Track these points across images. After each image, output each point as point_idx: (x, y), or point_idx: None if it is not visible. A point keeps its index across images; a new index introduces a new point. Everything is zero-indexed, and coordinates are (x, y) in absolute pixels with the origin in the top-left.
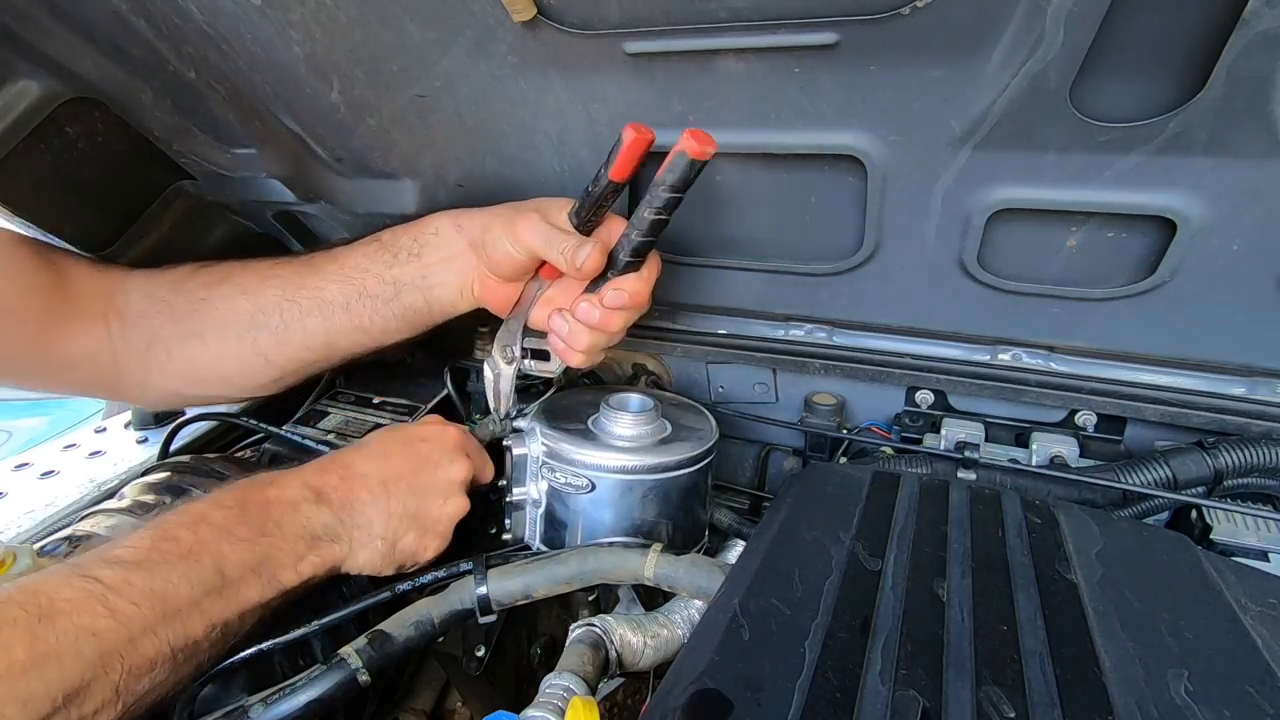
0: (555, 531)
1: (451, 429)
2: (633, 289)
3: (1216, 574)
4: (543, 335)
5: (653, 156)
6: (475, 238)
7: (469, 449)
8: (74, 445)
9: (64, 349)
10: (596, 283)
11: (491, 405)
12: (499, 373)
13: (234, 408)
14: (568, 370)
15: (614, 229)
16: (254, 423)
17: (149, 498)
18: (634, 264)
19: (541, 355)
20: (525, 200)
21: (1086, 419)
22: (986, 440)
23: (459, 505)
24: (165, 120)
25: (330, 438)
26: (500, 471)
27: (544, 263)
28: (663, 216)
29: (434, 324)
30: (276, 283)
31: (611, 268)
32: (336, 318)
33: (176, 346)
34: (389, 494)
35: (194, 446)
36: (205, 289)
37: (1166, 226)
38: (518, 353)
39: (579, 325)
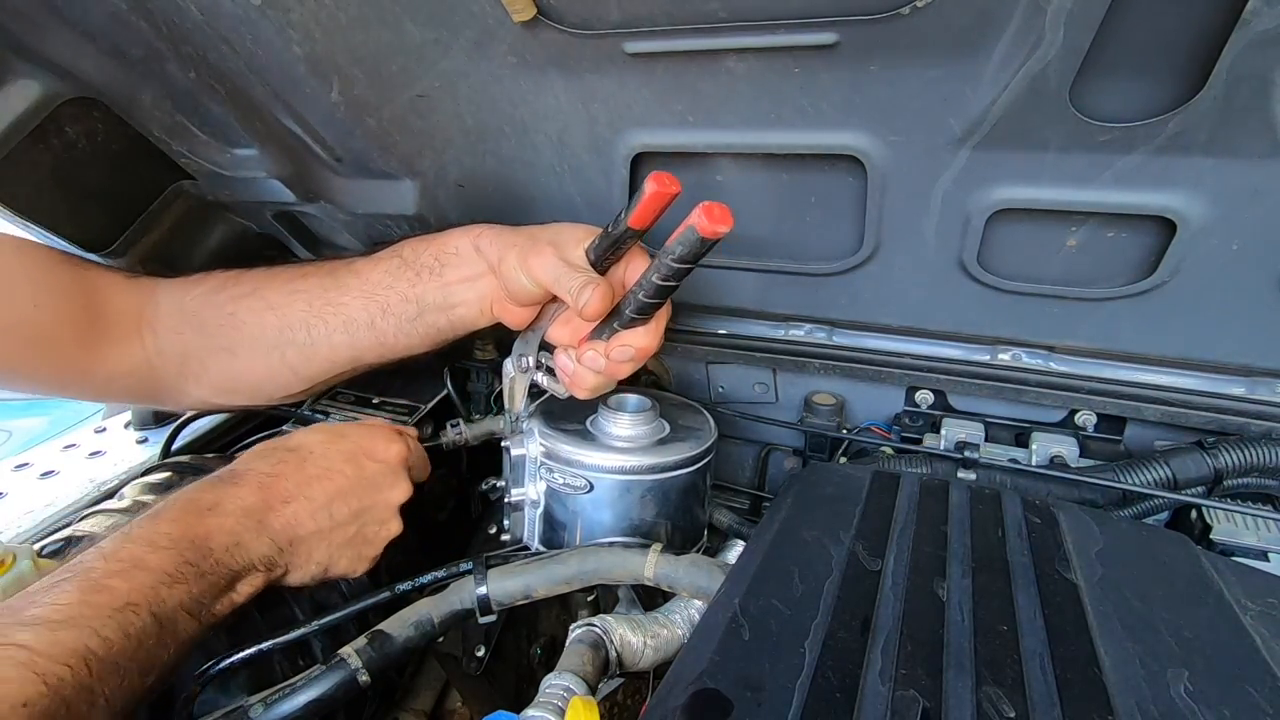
0: (554, 532)
1: (395, 446)
2: (639, 344)
3: (1216, 574)
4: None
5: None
6: (493, 263)
7: (412, 462)
8: (74, 445)
9: (103, 368)
10: (604, 326)
11: (506, 405)
12: (513, 378)
13: None
14: None
15: (635, 265)
16: (273, 409)
17: (149, 498)
18: (640, 320)
19: (554, 373)
20: (546, 227)
21: (1086, 419)
22: (986, 440)
23: (394, 529)
24: (165, 120)
25: None
26: (499, 471)
27: None
28: (670, 283)
29: (455, 338)
30: (302, 298)
31: (617, 317)
32: (361, 334)
33: (210, 361)
34: (332, 520)
35: (194, 446)
36: (233, 303)
37: (1166, 226)
38: (531, 363)
39: (584, 370)
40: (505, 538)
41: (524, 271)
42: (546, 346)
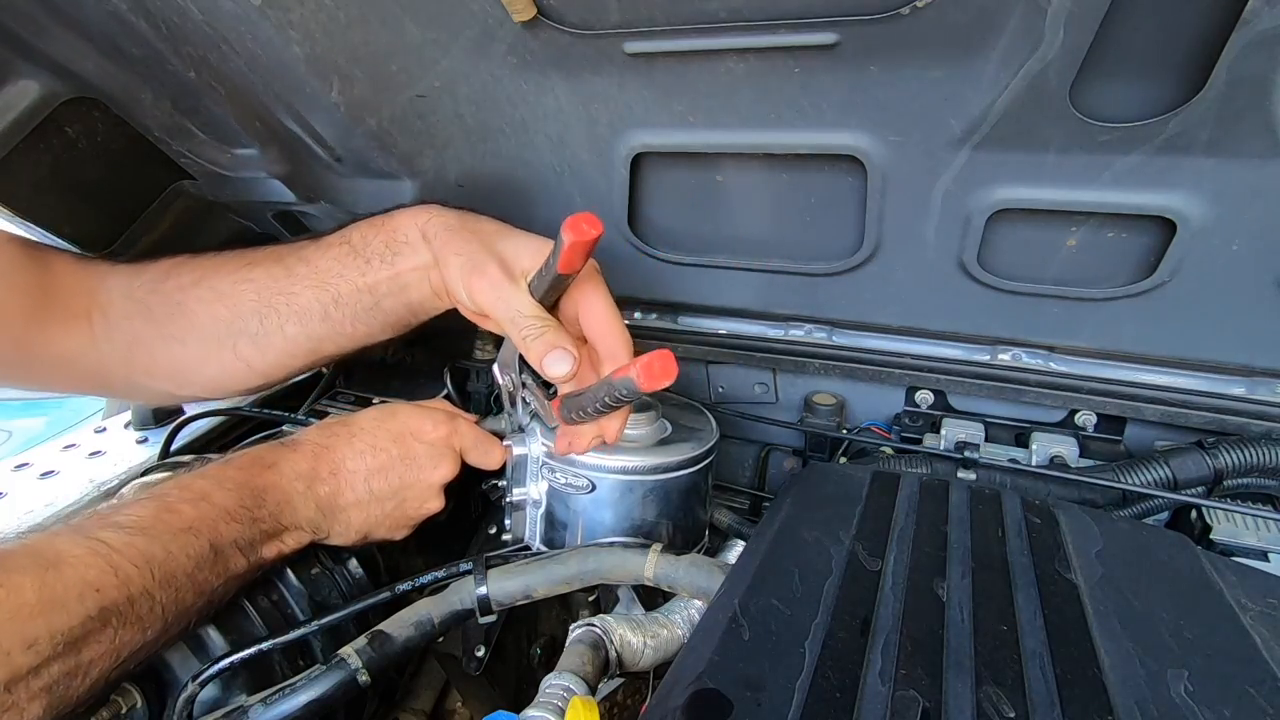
0: (555, 532)
1: (443, 427)
2: (611, 431)
3: (1216, 574)
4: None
5: None
6: (440, 259)
7: (464, 444)
8: (74, 445)
9: (48, 348)
10: (572, 406)
11: (505, 406)
12: (504, 384)
13: (238, 402)
14: None
15: (586, 296)
16: (268, 413)
17: None
18: (603, 414)
19: (545, 384)
20: (499, 232)
21: (1086, 419)
22: (986, 440)
23: (434, 506)
24: (165, 120)
25: None
26: (500, 471)
27: None
28: (624, 402)
29: (420, 324)
30: (251, 287)
31: (580, 411)
32: (315, 325)
33: (159, 350)
34: (371, 495)
35: (195, 446)
36: (180, 292)
37: (1166, 226)
38: (516, 381)
39: (562, 444)
40: (506, 537)
41: (466, 291)
42: (527, 367)
